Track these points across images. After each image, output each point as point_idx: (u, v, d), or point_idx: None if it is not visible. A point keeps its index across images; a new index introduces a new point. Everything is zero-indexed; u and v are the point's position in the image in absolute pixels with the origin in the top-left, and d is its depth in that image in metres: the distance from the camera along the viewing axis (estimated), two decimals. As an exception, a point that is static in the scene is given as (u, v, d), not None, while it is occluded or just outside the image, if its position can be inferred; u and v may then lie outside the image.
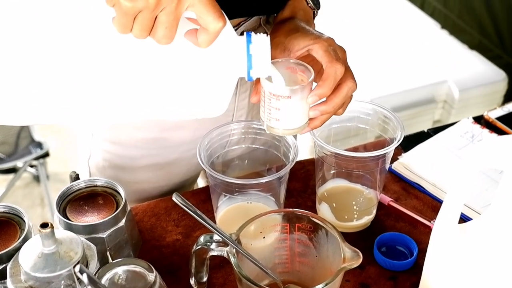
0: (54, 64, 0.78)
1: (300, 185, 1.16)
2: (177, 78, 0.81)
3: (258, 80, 0.89)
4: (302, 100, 0.88)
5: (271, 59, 0.85)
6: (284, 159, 1.03)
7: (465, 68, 2.22)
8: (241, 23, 1.05)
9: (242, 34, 1.01)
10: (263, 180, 0.95)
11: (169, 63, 0.80)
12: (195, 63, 0.80)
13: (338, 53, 0.91)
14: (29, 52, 0.78)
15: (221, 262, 1.00)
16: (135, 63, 0.79)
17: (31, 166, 2.70)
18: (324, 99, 0.90)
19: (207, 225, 0.86)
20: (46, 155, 2.51)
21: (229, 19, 1.00)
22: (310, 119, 0.91)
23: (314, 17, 1.06)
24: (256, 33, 0.83)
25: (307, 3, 1.04)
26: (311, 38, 0.92)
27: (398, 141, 0.99)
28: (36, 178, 2.75)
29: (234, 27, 1.02)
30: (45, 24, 0.77)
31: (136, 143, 1.14)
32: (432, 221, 1.05)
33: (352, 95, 0.93)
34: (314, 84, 0.90)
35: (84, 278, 0.75)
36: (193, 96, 0.83)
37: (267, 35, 0.83)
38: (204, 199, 1.12)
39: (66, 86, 0.80)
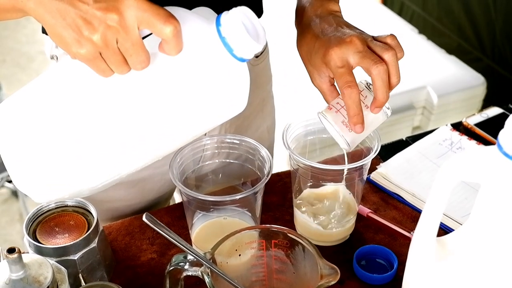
0: (74, 133, 0.78)
1: (278, 199, 1.14)
2: (182, 93, 0.77)
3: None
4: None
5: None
6: (259, 173, 1.01)
7: (444, 73, 2.21)
8: None
9: None
10: (238, 196, 0.92)
11: (168, 82, 0.76)
12: (187, 71, 0.76)
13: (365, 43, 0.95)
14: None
15: (198, 281, 0.97)
16: (141, 100, 0.77)
17: (9, 182, 2.67)
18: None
19: (179, 245, 0.84)
20: (23, 170, 2.47)
21: None
22: None
23: None
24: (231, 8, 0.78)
25: None
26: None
27: (375, 152, 0.97)
28: (15, 194, 2.72)
29: None
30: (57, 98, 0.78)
31: None
32: (412, 232, 1.03)
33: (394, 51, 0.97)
34: None
35: (51, 305, 0.72)
36: (207, 102, 0.79)
37: (241, 7, 0.78)
38: (179, 216, 1.09)
39: (94, 151, 0.80)
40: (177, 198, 1.41)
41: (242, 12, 0.78)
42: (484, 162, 0.70)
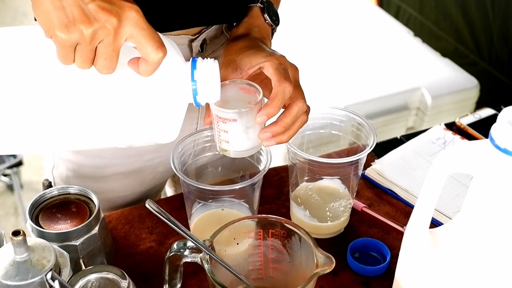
0: (6, 98, 0.79)
1: (274, 192, 1.17)
2: (124, 106, 0.81)
3: None
4: (250, 122, 0.88)
5: (222, 79, 0.86)
6: (257, 166, 1.03)
7: (438, 75, 2.24)
8: (202, 31, 1.05)
9: (203, 42, 1.03)
10: (237, 186, 0.95)
11: (116, 91, 0.80)
12: (141, 91, 0.81)
13: (288, 72, 0.90)
14: None
15: (195, 269, 1.00)
16: (83, 93, 0.80)
17: (5, 175, 2.68)
18: (275, 119, 0.90)
19: (180, 231, 0.86)
20: (19, 164, 2.49)
21: (190, 27, 1.02)
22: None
23: (272, 34, 1.06)
24: (204, 58, 0.84)
25: (265, 20, 1.03)
26: (263, 56, 0.91)
27: (371, 147, 1.00)
28: (10, 187, 2.73)
29: (195, 34, 1.03)
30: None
31: (99, 153, 1.14)
32: (404, 227, 1.06)
33: (306, 118, 0.93)
34: None
35: (56, 285, 0.74)
36: (142, 123, 0.84)
37: (214, 59, 0.84)
38: (178, 206, 1.12)
39: (19, 119, 0.81)
40: (168, 192, 1.44)
41: (216, 65, 0.83)
42: (477, 154, 0.72)
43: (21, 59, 0.79)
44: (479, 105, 2.22)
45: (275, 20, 1.05)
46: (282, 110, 0.91)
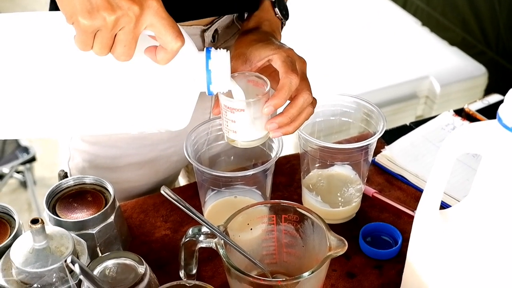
0: (21, 82, 0.81)
1: (286, 179, 1.18)
2: (138, 93, 0.83)
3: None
4: (257, 112, 0.90)
5: (232, 71, 0.88)
6: (269, 153, 1.04)
7: (446, 63, 2.24)
8: (215, 21, 1.07)
9: (215, 33, 1.04)
10: (250, 172, 0.96)
11: (131, 79, 0.82)
12: (156, 79, 0.83)
13: (296, 64, 0.92)
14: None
15: (210, 255, 1.02)
16: (98, 79, 0.82)
17: (18, 172, 2.69)
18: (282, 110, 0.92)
19: (195, 217, 0.87)
20: (32, 160, 2.51)
21: (202, 17, 1.04)
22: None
23: (282, 28, 1.08)
24: (216, 48, 0.86)
25: (275, 14, 1.05)
26: (271, 49, 0.93)
27: (381, 132, 1.01)
28: (23, 184, 2.75)
29: (207, 25, 1.05)
30: (15, 46, 0.80)
31: (115, 143, 1.16)
32: (415, 211, 1.07)
33: (312, 110, 0.94)
34: None
35: (76, 268, 0.76)
36: (155, 110, 0.86)
37: (227, 50, 0.86)
38: (191, 195, 1.13)
39: (33, 103, 0.82)
40: (181, 182, 1.46)
41: (228, 55, 0.86)
42: (485, 134, 0.73)
43: (38, 44, 0.81)
44: (487, 93, 2.22)
45: (285, 14, 1.07)
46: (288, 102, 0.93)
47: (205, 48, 0.86)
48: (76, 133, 0.92)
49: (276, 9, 1.05)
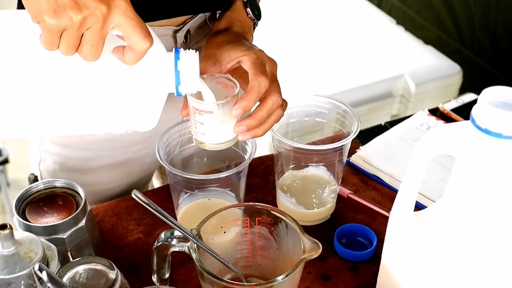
0: None
1: (260, 181, 1.17)
2: (105, 93, 0.82)
3: None
4: (226, 115, 0.89)
5: (202, 73, 0.87)
6: (243, 155, 1.03)
7: (421, 62, 2.24)
8: (187, 21, 1.06)
9: (187, 33, 1.03)
10: (223, 175, 0.95)
11: (98, 79, 0.81)
12: (123, 79, 0.81)
13: (266, 66, 0.91)
14: None
15: (183, 259, 1.00)
16: (64, 79, 0.80)
17: (-9, 174, 2.66)
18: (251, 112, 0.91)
19: (167, 221, 0.86)
20: (5, 161, 2.48)
21: (173, 16, 1.02)
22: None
23: (254, 28, 1.07)
24: (188, 48, 0.85)
25: (247, 14, 1.04)
26: (241, 50, 0.92)
27: (355, 133, 1.00)
28: (-3, 186, 2.71)
29: (179, 25, 1.04)
30: None
31: (87, 145, 1.14)
32: (390, 212, 1.07)
33: (282, 112, 0.93)
34: None
35: (44, 276, 0.75)
36: (122, 111, 0.84)
37: (196, 51, 0.85)
38: (164, 198, 1.12)
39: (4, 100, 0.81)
40: (155, 184, 1.44)
41: (197, 56, 0.84)
42: (459, 135, 0.73)
43: (4, 44, 0.79)
44: (462, 92, 2.23)
45: (257, 15, 1.06)
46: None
47: (174, 49, 0.85)
48: (43, 133, 0.90)
49: (248, 9, 1.04)
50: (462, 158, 0.74)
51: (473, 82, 2.35)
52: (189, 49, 0.85)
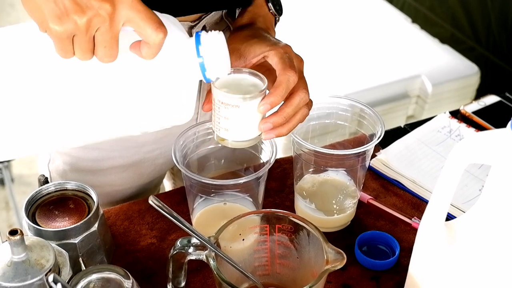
0: (18, 99, 0.77)
1: (277, 184, 1.13)
2: (136, 92, 0.79)
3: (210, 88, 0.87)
4: (252, 110, 0.85)
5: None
6: (262, 158, 1.00)
7: (438, 62, 2.21)
8: (202, 17, 1.02)
9: (203, 29, 1.00)
10: (241, 180, 0.91)
11: (125, 78, 0.78)
12: (150, 74, 0.78)
13: (293, 61, 0.88)
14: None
15: (199, 266, 0.97)
16: (89, 86, 0.78)
17: (-5, 170, 2.65)
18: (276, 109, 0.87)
19: (185, 228, 0.83)
20: (10, 157, 2.44)
21: (190, 14, 0.98)
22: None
23: (275, 24, 1.04)
24: (208, 31, 0.81)
25: (269, 9, 1.02)
26: (267, 45, 0.89)
27: (379, 138, 0.97)
28: (1, 182, 2.69)
29: (195, 21, 1.00)
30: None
31: (98, 145, 1.10)
32: (413, 219, 1.03)
33: (307, 111, 0.90)
34: None
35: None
36: (156, 107, 0.81)
37: (219, 31, 0.80)
38: (178, 201, 1.08)
39: (27, 120, 0.79)
40: (166, 185, 1.40)
41: (221, 36, 0.80)
42: (496, 144, 0.69)
43: (24, 59, 0.77)
44: (479, 92, 2.20)
45: (279, 10, 1.03)
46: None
47: (195, 33, 0.80)
48: (76, 144, 0.87)
49: (270, 4, 1.01)
50: (499, 167, 0.70)
51: (488, 81, 2.31)
52: (211, 31, 0.80)
